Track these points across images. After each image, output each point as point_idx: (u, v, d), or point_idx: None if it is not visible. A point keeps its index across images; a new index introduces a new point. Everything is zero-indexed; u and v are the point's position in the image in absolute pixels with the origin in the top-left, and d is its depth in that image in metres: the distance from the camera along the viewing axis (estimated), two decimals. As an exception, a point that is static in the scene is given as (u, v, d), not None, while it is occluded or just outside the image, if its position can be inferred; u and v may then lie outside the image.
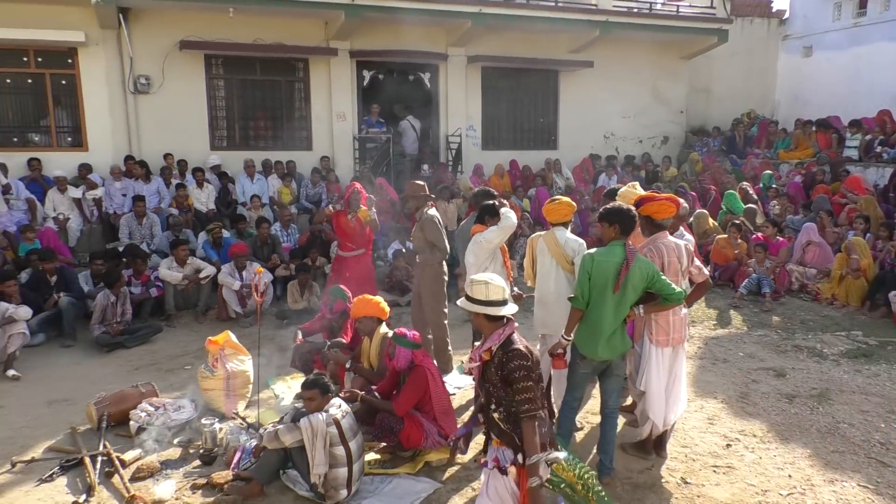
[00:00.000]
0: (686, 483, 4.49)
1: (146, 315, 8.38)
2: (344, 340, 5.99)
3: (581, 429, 5.24)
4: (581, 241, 5.06)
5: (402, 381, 5.06)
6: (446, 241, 6.45)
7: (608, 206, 4.29)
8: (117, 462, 4.78)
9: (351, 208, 7.70)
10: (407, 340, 4.99)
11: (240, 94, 12.76)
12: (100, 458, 4.84)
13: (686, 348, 4.67)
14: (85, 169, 11.12)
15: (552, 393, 5.06)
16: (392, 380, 5.18)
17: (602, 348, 4.14)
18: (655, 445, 4.80)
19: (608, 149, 15.29)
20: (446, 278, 6.53)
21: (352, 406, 4.89)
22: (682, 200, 4.86)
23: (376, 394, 5.13)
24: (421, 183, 6.65)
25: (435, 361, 5.61)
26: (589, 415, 5.51)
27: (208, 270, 8.86)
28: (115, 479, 4.65)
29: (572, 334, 4.25)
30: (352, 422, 4.58)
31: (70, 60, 11.43)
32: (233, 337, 5.98)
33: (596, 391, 5.58)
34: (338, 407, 4.54)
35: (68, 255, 9.53)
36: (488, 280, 3.37)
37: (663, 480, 4.53)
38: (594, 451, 4.74)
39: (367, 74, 13.46)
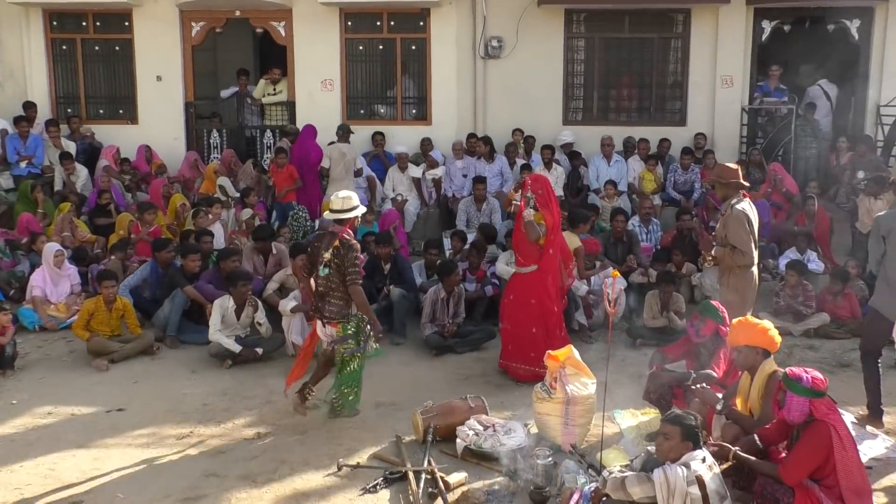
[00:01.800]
0: None
1: (479, 316, 9.04)
2: (714, 374, 5.80)
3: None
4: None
5: (796, 438, 4.72)
6: (753, 245, 6.52)
7: None
8: (441, 484, 5.24)
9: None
10: (803, 387, 4.61)
11: (602, 57, 13.12)
12: (423, 476, 5.36)
13: None
14: (427, 145, 12.54)
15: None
16: (781, 432, 4.85)
17: None
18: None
19: None
20: (754, 291, 6.64)
21: (721, 463, 4.69)
22: None
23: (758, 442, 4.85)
24: (734, 167, 6.75)
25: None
26: None
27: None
28: (438, 502, 5.13)
29: None
30: (720, 484, 4.39)
31: (422, 23, 12.95)
32: (576, 353, 6.15)
33: None
34: (702, 461, 4.38)
35: (404, 241, 10.85)
36: None
37: None
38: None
39: (766, 26, 12.75)
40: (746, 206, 6.61)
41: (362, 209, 6.57)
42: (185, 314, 8.72)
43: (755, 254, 6.68)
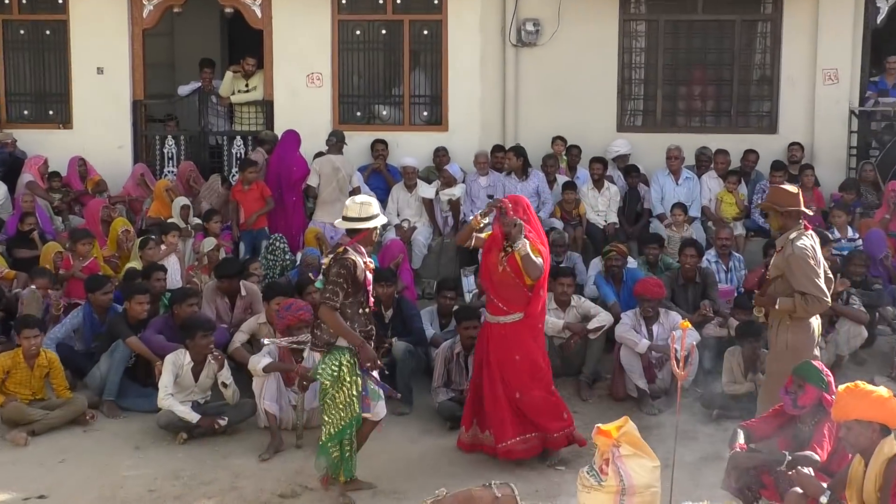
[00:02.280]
0: None
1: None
2: (817, 456, 5.75)
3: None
4: None
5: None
6: (823, 287, 6.72)
7: None
8: None
9: None
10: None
11: (668, 45, 13.23)
12: None
13: None
14: (442, 157, 12.62)
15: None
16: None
17: None
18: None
19: None
20: (817, 348, 6.85)
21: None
22: None
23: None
24: (793, 190, 7.01)
25: None
26: None
27: (601, 319, 9.32)
28: None
29: None
30: None
31: (437, 1, 13.11)
32: (633, 428, 6.12)
33: None
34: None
35: (410, 280, 10.89)
36: None
37: None
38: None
39: (882, 5, 12.79)
40: (809, 241, 6.82)
41: (383, 219, 6.98)
42: (128, 373, 8.75)
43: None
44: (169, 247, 10.61)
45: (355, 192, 11.82)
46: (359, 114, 13.52)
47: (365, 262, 6.63)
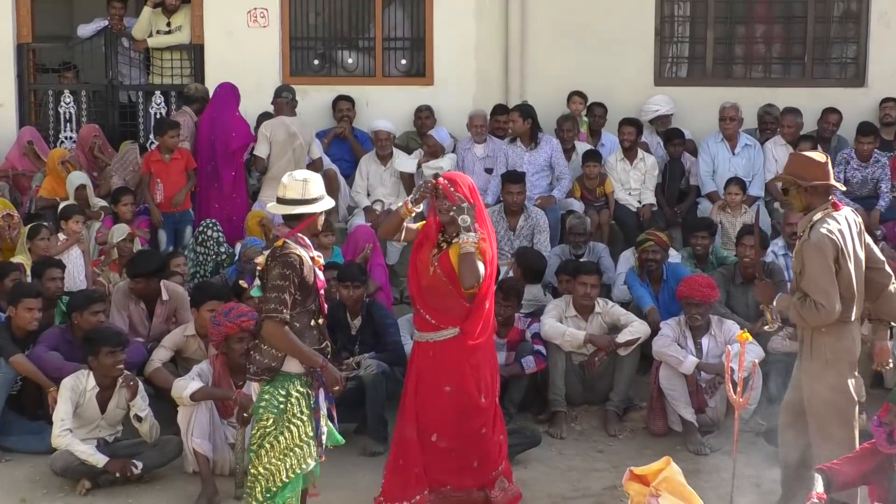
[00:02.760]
0: None
1: (512, 406, 9.13)
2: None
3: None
4: None
5: None
6: (831, 292, 6.61)
7: None
8: None
9: None
10: None
11: (721, -28, 13.23)
12: None
13: None
14: (425, 119, 12.60)
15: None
16: None
17: None
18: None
19: None
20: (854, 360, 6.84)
21: None
22: None
23: None
24: (818, 159, 6.92)
25: None
26: None
27: (635, 329, 9.36)
28: None
29: None
30: None
31: None
32: (677, 472, 6.10)
33: None
34: None
35: (384, 279, 10.86)
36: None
37: None
38: None
39: None
40: (837, 225, 6.73)
41: (329, 203, 6.68)
42: (12, 402, 8.68)
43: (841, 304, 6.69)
44: (70, 236, 10.53)
45: (315, 165, 11.80)
46: (316, 62, 13.50)
47: (313, 258, 6.48)
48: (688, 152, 12.33)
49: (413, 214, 7.39)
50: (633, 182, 12.05)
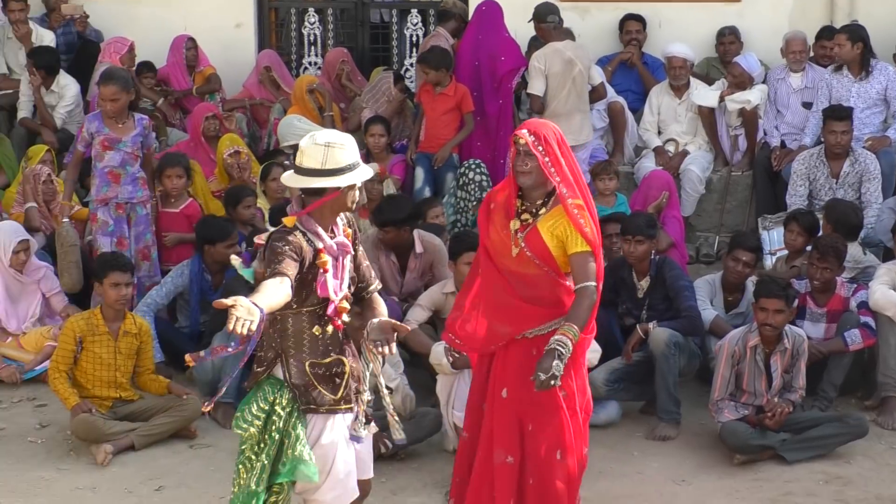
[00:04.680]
0: None
1: (831, 389, 9.06)
2: None
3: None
4: None
5: None
6: None
7: None
8: None
9: None
10: None
11: None
12: None
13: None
14: (729, 42, 12.58)
15: None
16: None
17: None
18: None
19: None
20: None
21: None
22: None
23: None
24: None
25: None
26: None
27: None
28: None
29: None
30: None
31: None
32: None
33: None
34: None
35: (680, 234, 10.82)
36: None
37: None
38: None
39: None
40: None
41: (364, 173, 5.96)
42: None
43: None
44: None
45: (596, 95, 11.79)
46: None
47: (319, 251, 5.74)
48: None
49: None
50: None
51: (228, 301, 4.89)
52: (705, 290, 9.51)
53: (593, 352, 7.94)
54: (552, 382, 5.98)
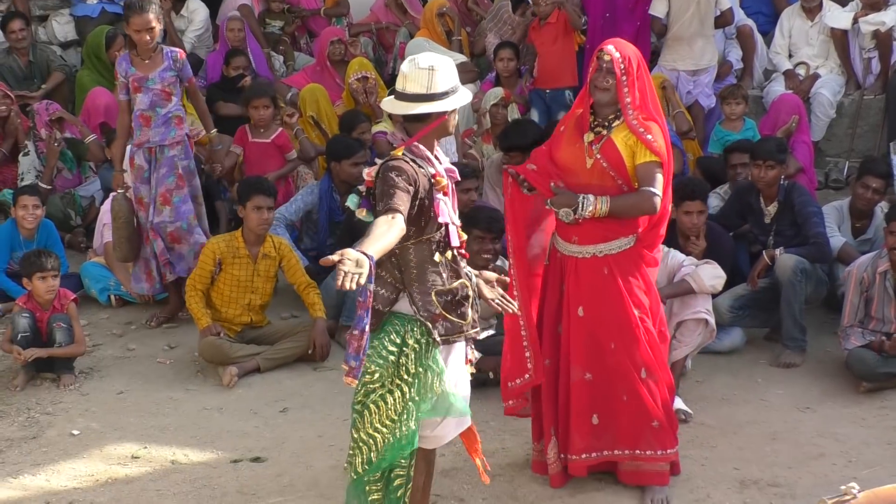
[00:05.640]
0: None
1: None
2: None
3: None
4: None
5: None
6: None
7: None
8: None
9: None
10: None
11: None
12: None
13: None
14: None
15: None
16: None
17: None
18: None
19: None
20: None
21: None
22: None
23: None
24: None
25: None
26: None
27: None
28: None
29: None
30: None
31: None
32: None
33: None
34: None
35: (807, 160, 10.76)
36: None
37: None
38: None
39: None
40: None
41: (465, 97, 5.94)
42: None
43: None
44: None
45: (722, 20, 11.68)
46: None
47: (435, 176, 5.72)
48: None
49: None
50: None
51: (335, 257, 4.83)
52: (833, 216, 9.48)
53: (717, 277, 8.03)
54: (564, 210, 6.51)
